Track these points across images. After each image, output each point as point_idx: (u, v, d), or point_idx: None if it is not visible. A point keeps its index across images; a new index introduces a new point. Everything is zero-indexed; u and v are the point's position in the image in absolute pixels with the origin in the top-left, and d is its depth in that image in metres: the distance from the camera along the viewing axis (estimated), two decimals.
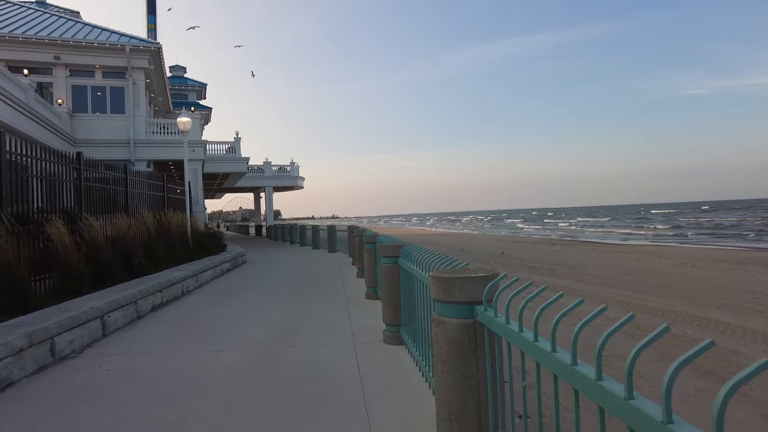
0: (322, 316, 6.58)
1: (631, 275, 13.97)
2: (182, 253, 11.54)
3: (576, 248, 27.17)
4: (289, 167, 39.66)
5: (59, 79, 19.05)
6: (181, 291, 8.96)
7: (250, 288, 9.61)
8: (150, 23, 56.07)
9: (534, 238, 39.66)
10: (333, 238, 18.55)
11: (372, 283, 7.73)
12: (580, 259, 19.92)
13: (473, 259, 19.48)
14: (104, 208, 9.15)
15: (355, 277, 10.63)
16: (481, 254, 22.17)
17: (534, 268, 16.08)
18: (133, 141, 19.43)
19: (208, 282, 10.71)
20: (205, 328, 6.12)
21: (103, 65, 19.46)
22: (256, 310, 7.17)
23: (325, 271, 12.06)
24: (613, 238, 37.99)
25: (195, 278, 9.86)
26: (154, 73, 21.35)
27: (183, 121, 12.95)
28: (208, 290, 9.50)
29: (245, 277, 11.31)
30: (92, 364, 4.63)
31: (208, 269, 10.84)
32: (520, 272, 14.76)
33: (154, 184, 11.74)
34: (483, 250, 25.70)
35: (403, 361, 4.48)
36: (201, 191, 21.15)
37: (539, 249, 26.44)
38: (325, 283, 9.88)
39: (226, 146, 27.51)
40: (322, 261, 15.22)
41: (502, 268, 16.31)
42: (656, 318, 7.90)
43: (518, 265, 17.31)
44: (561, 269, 15.68)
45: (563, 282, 12.54)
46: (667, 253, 22.80)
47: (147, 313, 7.20)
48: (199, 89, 33.58)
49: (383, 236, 7.24)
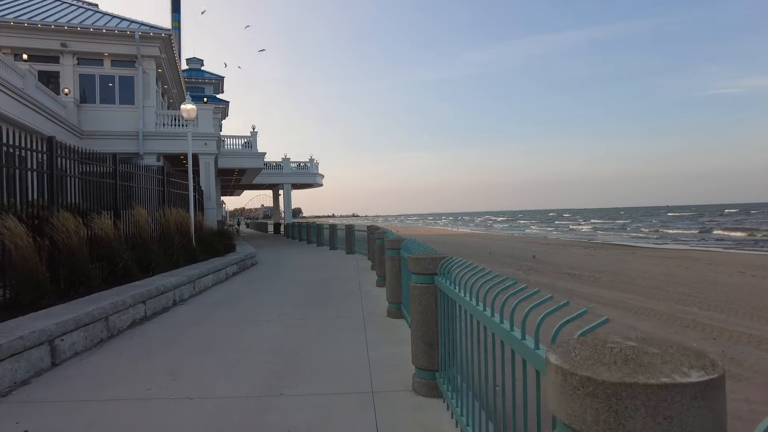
0: (333, 343, 5.21)
1: (687, 286, 12.30)
2: (183, 255, 10.32)
3: (611, 252, 25.34)
4: (308, 164, 38.49)
5: (66, 68, 18.10)
6: (172, 300, 7.71)
7: (253, 298, 8.31)
8: (174, 21, 55.68)
9: (562, 240, 37.76)
10: (351, 238, 17.22)
11: (395, 298, 6.34)
12: (621, 265, 18.20)
13: (502, 264, 17.95)
14: (88, 204, 7.94)
15: (374, 285, 9.25)
16: (509, 258, 20.58)
17: (574, 276, 14.48)
18: (142, 133, 18.39)
19: (209, 288, 9.46)
20: (179, 358, 4.80)
21: (111, 53, 18.46)
22: (250, 331, 5.83)
23: (341, 278, 10.71)
24: (647, 241, 35.84)
25: (191, 285, 8.60)
26: (167, 63, 20.31)
27: (187, 109, 11.75)
28: (204, 300, 8.23)
29: (250, 284, 10.03)
30: (8, 419, 3.33)
31: (208, 273, 9.59)
32: (560, 281, 13.19)
33: (151, 177, 10.54)
34: (510, 252, 24.08)
35: (442, 426, 3.08)
36: (214, 187, 20.04)
37: (572, 253, 24.70)
38: (340, 294, 8.52)
39: (242, 141, 26.43)
40: (338, 264, 13.89)
41: (536, 275, 14.76)
42: (755, 349, 6.30)
43: (554, 271, 15.72)
44: (604, 278, 14.05)
45: (611, 294, 10.96)
46: (714, 259, 20.86)
47: (123, 331, 5.94)
48: (216, 82, 32.62)
49: (409, 240, 5.85)
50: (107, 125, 18.29)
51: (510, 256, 21.71)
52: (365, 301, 7.68)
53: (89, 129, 18.00)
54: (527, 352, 1.78)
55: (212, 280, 9.86)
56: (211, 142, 19.49)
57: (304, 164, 38.49)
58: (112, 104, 18.82)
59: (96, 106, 18.51)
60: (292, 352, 4.90)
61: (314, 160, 38.70)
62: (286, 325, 6.12)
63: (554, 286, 12.24)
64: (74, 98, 17.63)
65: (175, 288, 7.81)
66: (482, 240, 37.36)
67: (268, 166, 36.85)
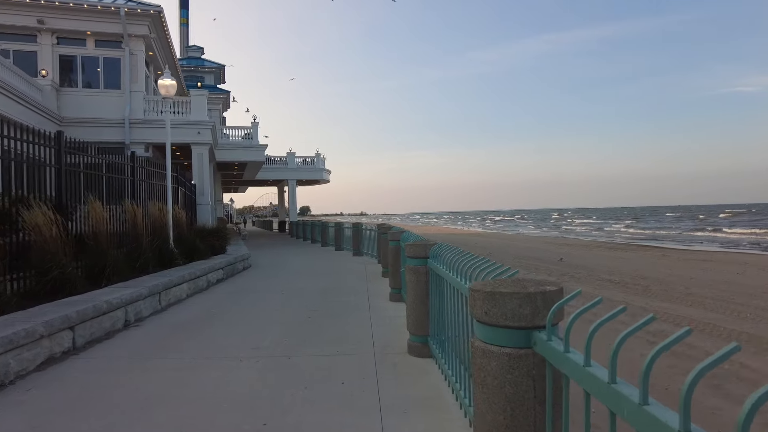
0: (325, 410, 3.32)
1: (760, 297, 10.29)
2: (153, 259, 8.49)
3: (641, 254, 23.24)
4: (314, 159, 36.65)
5: (44, 48, 16.36)
6: (123, 321, 5.86)
7: (230, 317, 6.43)
8: (182, 17, 54.10)
9: (583, 241, 35.63)
10: (359, 238, 15.33)
11: (421, 329, 4.43)
12: (660, 269, 16.16)
13: (528, 267, 15.98)
14: (20, 193, 6.12)
15: (387, 299, 7.35)
16: (535, 260, 18.59)
17: (616, 283, 12.49)
18: (128, 120, 16.60)
19: (182, 301, 7.61)
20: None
21: (95, 32, 16.69)
22: (208, 380, 3.94)
23: (346, 287, 8.82)
24: (670, 241, 33.58)
25: (155, 298, 6.75)
26: (158, 44, 18.51)
27: (165, 84, 9.90)
28: (168, 319, 6.37)
29: (234, 296, 8.16)
30: None
31: (181, 282, 7.74)
32: (605, 290, 11.21)
33: (116, 164, 8.69)
34: (533, 254, 22.07)
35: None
36: (208, 181, 18.21)
37: (599, 255, 22.64)
38: (344, 311, 6.62)
39: (242, 133, 24.60)
40: (344, 268, 12.00)
41: (574, 282, 12.78)
42: None
43: (591, 277, 13.72)
44: (653, 286, 12.04)
45: (676, 308, 8.98)
46: (758, 262, 18.70)
47: (28, 373, 4.10)
48: (217, 71, 30.78)
49: (439, 246, 3.97)
50: (90, 111, 16.52)
51: (535, 258, 19.71)
52: (377, 324, 5.78)
53: (69, 115, 16.24)
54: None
55: (188, 291, 8.01)
56: (204, 131, 17.67)
57: (310, 159, 36.67)
58: (96, 89, 17.06)
59: (78, 90, 16.75)
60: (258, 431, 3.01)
61: (320, 155, 36.86)
62: (263, 368, 4.23)
63: (603, 297, 10.27)
64: (52, 81, 15.87)
65: (128, 304, 5.96)
66: (499, 240, 35.33)
67: (272, 161, 35.07)
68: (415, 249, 4.45)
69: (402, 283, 6.97)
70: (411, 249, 4.49)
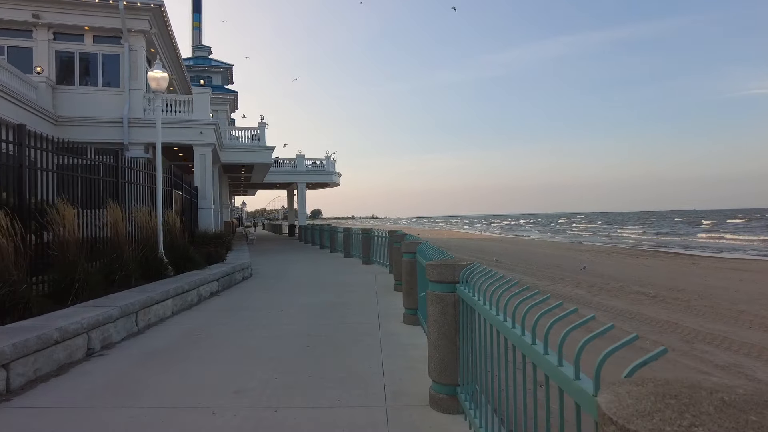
0: None
1: None
2: (138, 270, 7.52)
3: (668, 262, 21.92)
4: (324, 161, 35.73)
5: (40, 44, 15.59)
6: (85, 349, 4.88)
7: (214, 344, 5.42)
8: (195, 21, 53.85)
9: (600, 247, 34.25)
10: (369, 245, 14.29)
11: (447, 376, 3.36)
12: (694, 279, 14.92)
13: (552, 278, 14.83)
14: None
15: (400, 321, 6.30)
16: (556, 269, 17.40)
17: (652, 297, 11.29)
18: (127, 120, 15.76)
19: (165, 320, 6.63)
20: None
21: (93, 26, 15.88)
22: None
23: (353, 304, 7.77)
24: (694, 248, 32.08)
25: (130, 319, 5.77)
26: (160, 40, 17.68)
27: (155, 77, 8.95)
28: (142, 345, 5.37)
29: (225, 315, 7.15)
30: None
31: (165, 299, 6.75)
32: (642, 306, 10.03)
33: (97, 164, 7.73)
34: (552, 261, 20.87)
35: None
36: (211, 183, 17.30)
37: (623, 262, 21.38)
38: (349, 338, 5.58)
39: (249, 134, 23.72)
40: (352, 280, 10.96)
41: (605, 295, 11.61)
42: None
43: (621, 289, 12.54)
44: (694, 300, 10.85)
45: (731, 331, 7.79)
46: None
47: None
48: (224, 71, 29.98)
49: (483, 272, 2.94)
50: (87, 110, 15.70)
51: (555, 266, 18.51)
52: (389, 357, 4.73)
53: (66, 114, 15.44)
54: None
55: (174, 308, 7.02)
56: (207, 131, 16.78)
57: (320, 162, 35.75)
58: (94, 86, 16.25)
59: (74, 88, 15.94)
60: None
61: (330, 157, 35.94)
62: (239, 427, 3.20)
63: (641, 314, 9.13)
64: (47, 78, 15.07)
65: (91, 329, 4.98)
66: (513, 246, 34.10)
67: (281, 164, 34.23)
68: (441, 271, 3.40)
69: (420, 304, 5.93)
70: (435, 271, 3.43)
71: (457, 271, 3.37)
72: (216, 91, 29.16)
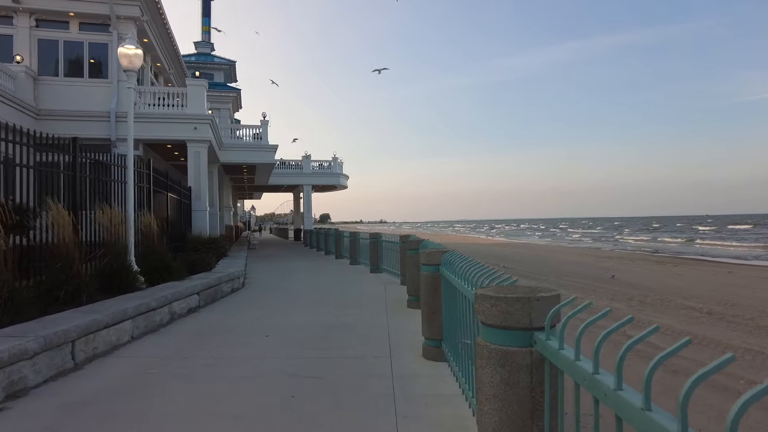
0: None
1: None
2: (94, 283, 6.13)
3: (700, 270, 20.25)
4: (331, 163, 34.38)
5: (21, 31, 14.37)
6: None
7: (167, 393, 3.98)
8: (204, 25, 53.00)
9: (622, 253, 32.55)
10: (377, 251, 12.85)
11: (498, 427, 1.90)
12: (741, 291, 13.33)
13: (583, 289, 13.29)
14: None
15: (419, 354, 4.83)
16: (583, 278, 15.84)
17: (706, 313, 9.73)
18: (115, 114, 14.48)
19: (120, 348, 5.21)
20: None
21: (79, 13, 14.65)
22: None
23: (358, 327, 6.30)
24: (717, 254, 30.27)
25: (62, 351, 4.36)
26: (153, 29, 16.42)
27: (127, 53, 7.58)
28: (74, 388, 3.96)
29: (197, 341, 5.71)
30: None
31: (120, 321, 5.34)
32: (700, 326, 8.48)
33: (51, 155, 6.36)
34: (575, 269, 19.28)
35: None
36: (206, 183, 15.94)
37: (651, 270, 19.77)
38: (350, 389, 4.12)
39: (251, 132, 22.41)
40: (358, 292, 9.52)
41: (652, 311, 10.07)
42: None
43: (664, 302, 10.99)
44: (757, 317, 9.28)
45: None
46: None
47: None
48: (227, 68, 28.77)
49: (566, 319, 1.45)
50: (72, 103, 14.45)
51: (580, 275, 16.94)
52: (407, 421, 3.27)
53: (48, 107, 14.19)
54: None
55: (133, 331, 5.62)
56: (202, 126, 15.45)
57: (327, 164, 34.41)
58: (80, 78, 15.00)
59: (58, 79, 14.70)
60: None
61: (338, 159, 34.57)
62: None
63: (707, 338, 7.57)
64: (27, 68, 13.83)
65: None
66: (529, 251, 32.50)
67: (286, 165, 32.95)
68: (506, 308, 1.94)
69: (444, 332, 4.47)
70: (496, 308, 1.97)
71: (533, 307, 1.92)
72: (218, 88, 27.94)
